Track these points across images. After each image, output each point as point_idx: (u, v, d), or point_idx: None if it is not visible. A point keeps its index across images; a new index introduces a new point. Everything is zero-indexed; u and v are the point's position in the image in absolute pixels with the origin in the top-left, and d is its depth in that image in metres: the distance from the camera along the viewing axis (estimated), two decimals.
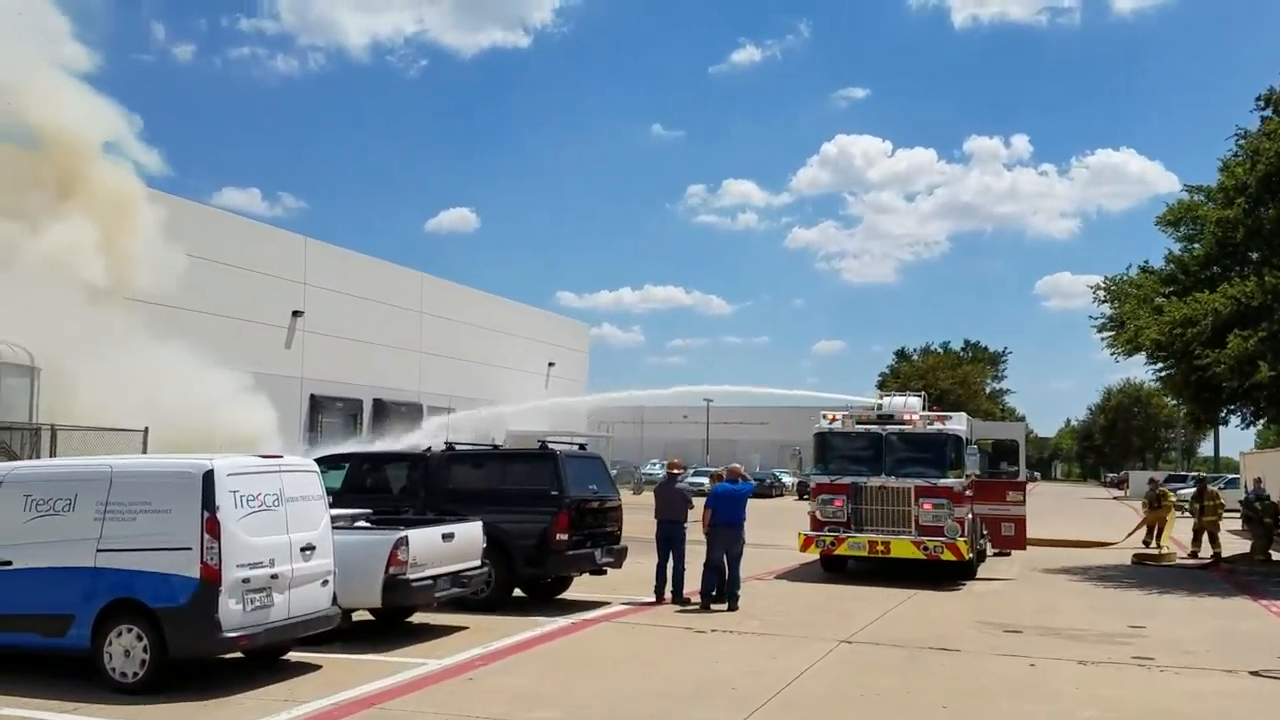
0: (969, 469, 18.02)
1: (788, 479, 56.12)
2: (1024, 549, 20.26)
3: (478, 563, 11.86)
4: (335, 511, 12.04)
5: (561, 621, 12.32)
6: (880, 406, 20.76)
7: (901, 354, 73.99)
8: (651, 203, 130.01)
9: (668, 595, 14.13)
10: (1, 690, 8.39)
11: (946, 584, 17.35)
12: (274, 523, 8.98)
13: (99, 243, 27.27)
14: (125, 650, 8.44)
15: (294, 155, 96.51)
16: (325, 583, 9.57)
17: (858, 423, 18.81)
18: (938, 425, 18.42)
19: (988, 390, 74.97)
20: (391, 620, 11.93)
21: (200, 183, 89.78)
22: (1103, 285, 22.33)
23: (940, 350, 75.61)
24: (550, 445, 13.59)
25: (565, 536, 12.91)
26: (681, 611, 13.53)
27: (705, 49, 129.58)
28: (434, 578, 10.96)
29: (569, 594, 14.57)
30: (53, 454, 21.61)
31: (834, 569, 18.90)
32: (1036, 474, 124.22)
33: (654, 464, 73.61)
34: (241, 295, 37.59)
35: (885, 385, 65.50)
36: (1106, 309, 22.07)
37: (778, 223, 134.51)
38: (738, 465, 14.81)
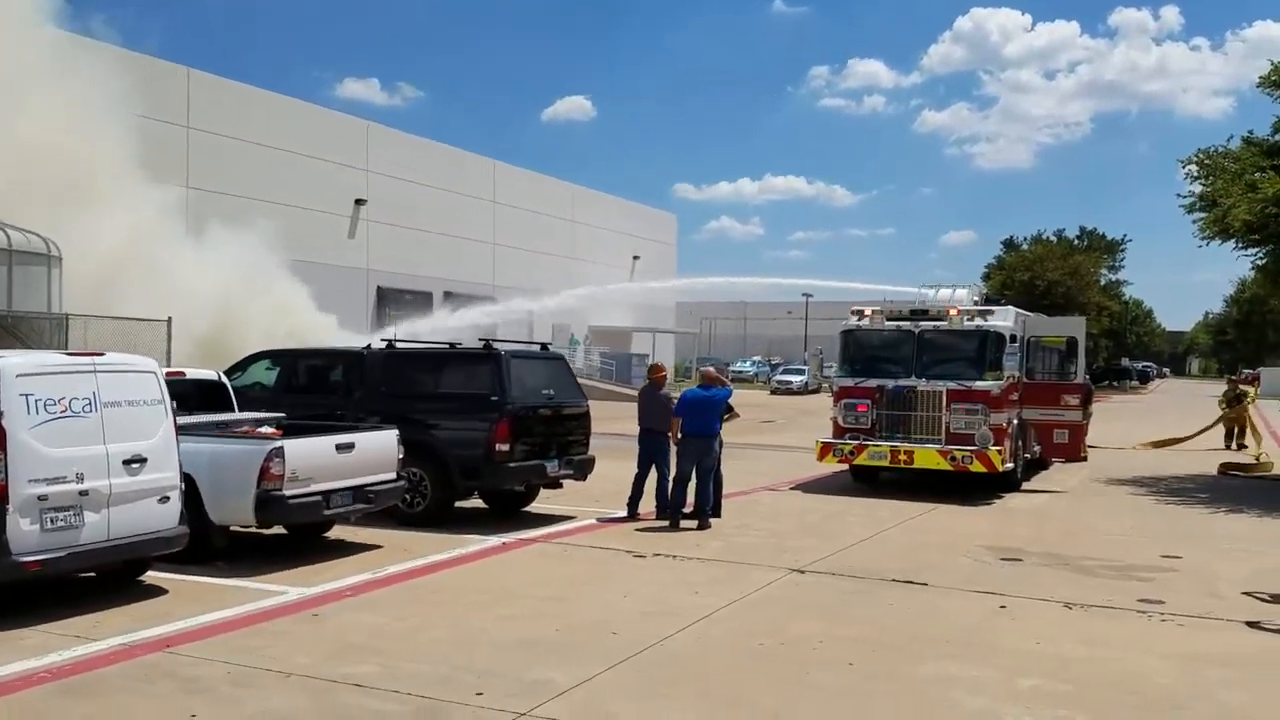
0: (1008, 370, 15.94)
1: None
2: (1079, 458, 18.13)
3: (391, 476, 10.63)
4: (239, 416, 11.03)
5: (493, 541, 11.07)
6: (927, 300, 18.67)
7: (1010, 244, 69.05)
8: (772, 87, 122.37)
9: (643, 510, 12.76)
10: None
11: (981, 498, 15.57)
12: (85, 432, 7.82)
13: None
14: None
15: (412, 44, 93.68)
16: (165, 499, 8.44)
17: (888, 319, 16.87)
18: (978, 321, 16.34)
19: (1102, 282, 70.02)
20: (304, 535, 10.89)
21: (321, 73, 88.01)
22: (1194, 159, 19.43)
23: (1053, 239, 70.64)
24: (495, 345, 12.15)
25: (506, 447, 11.56)
26: (645, 529, 12.14)
27: None
28: (324, 493, 9.76)
29: (542, 507, 13.34)
30: (66, 344, 21.38)
31: (865, 479, 17.24)
32: (1166, 370, 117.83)
33: (746, 362, 71.96)
34: (301, 183, 36.94)
35: (990, 278, 61.67)
36: (1198, 187, 19.25)
37: (907, 105, 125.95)
38: (711, 368, 13.14)
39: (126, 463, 8.08)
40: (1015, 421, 16.88)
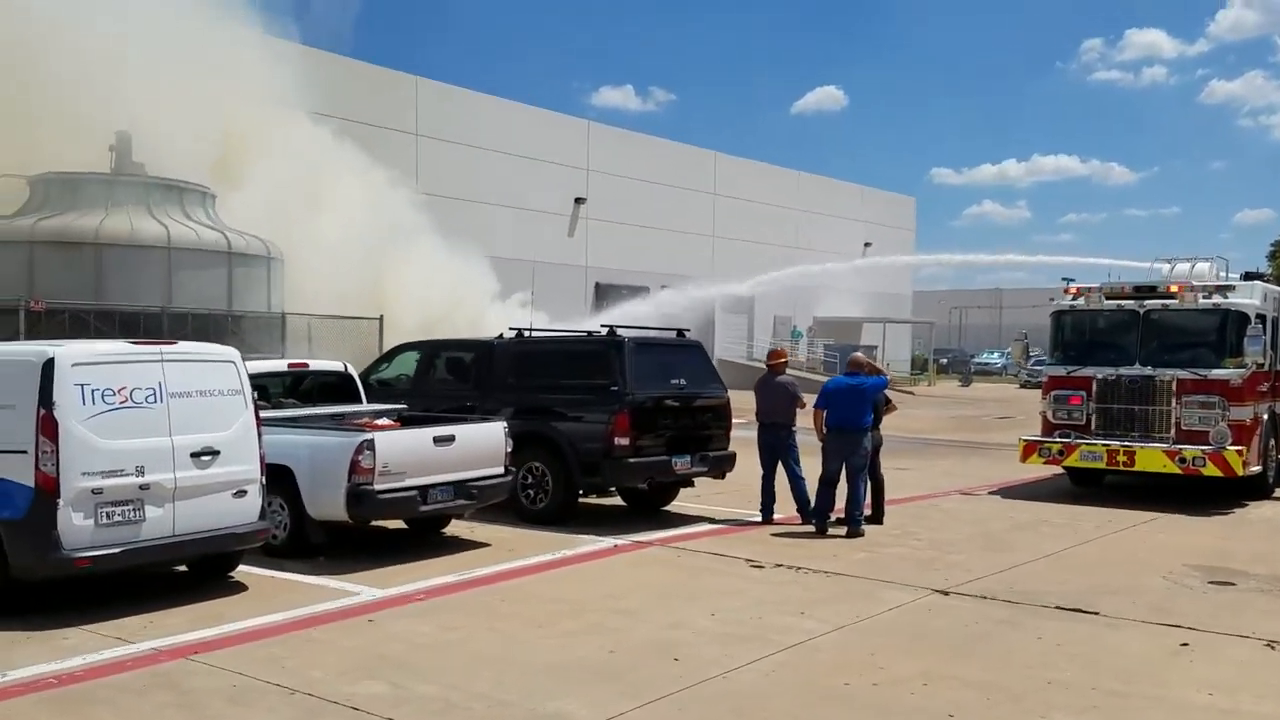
0: (1251, 356, 13.43)
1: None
2: None
3: (499, 470, 10.00)
4: (359, 408, 10.77)
5: (605, 543, 10.20)
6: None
7: None
8: (1039, 62, 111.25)
9: (786, 515, 11.53)
10: None
11: (1221, 506, 13.30)
12: (148, 423, 7.57)
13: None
14: None
15: (663, 49, 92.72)
16: (242, 493, 8.13)
17: (1108, 297, 14.69)
18: (1215, 298, 13.93)
19: None
20: (421, 530, 10.46)
21: (581, 83, 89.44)
22: None
23: None
24: (621, 332, 11.26)
25: (626, 440, 10.67)
26: (783, 534, 10.92)
27: None
28: (421, 488, 9.23)
29: (686, 506, 12.35)
30: (284, 343, 22.44)
31: (1087, 483, 15.17)
32: None
33: (994, 353, 67.65)
34: (522, 183, 37.54)
35: (1275, 256, 54.56)
36: None
37: (1192, 76, 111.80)
38: (860, 354, 11.63)
39: (195, 455, 7.80)
40: (1265, 417, 14.33)
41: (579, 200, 40.36)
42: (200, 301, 21.36)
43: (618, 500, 12.43)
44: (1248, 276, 17.58)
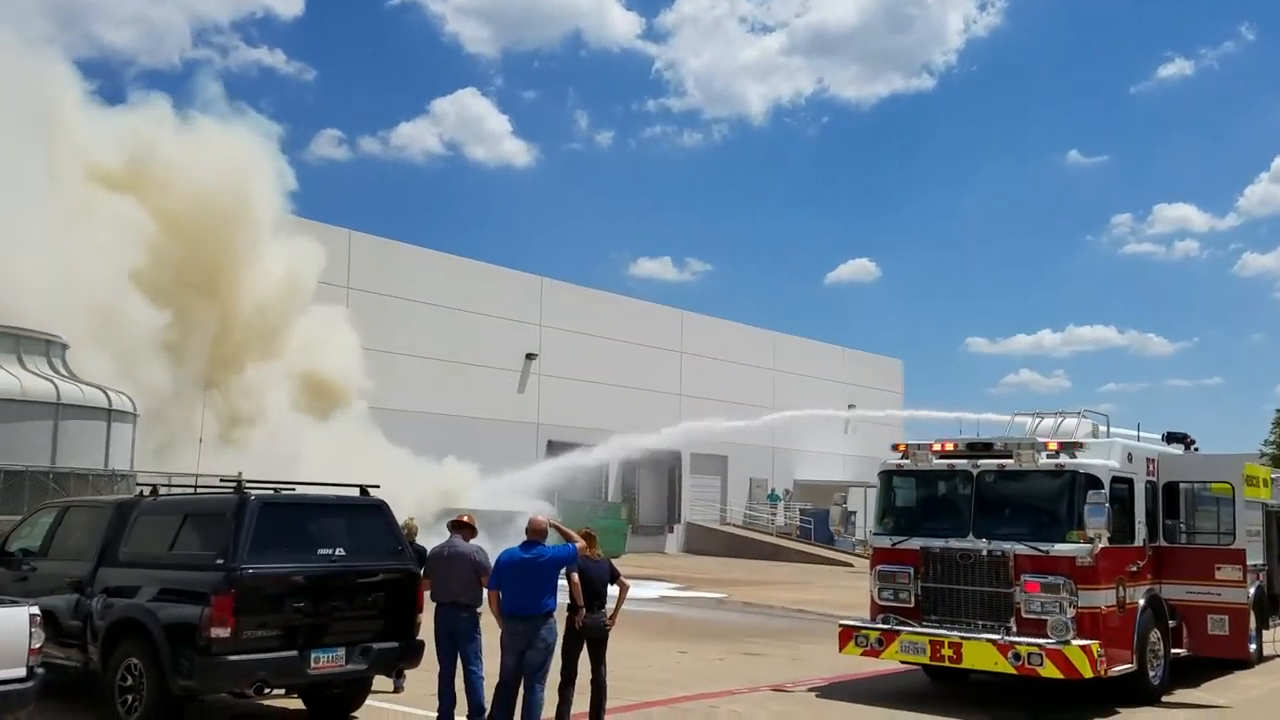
0: (1093, 528, 10.88)
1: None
2: (1245, 657, 12.40)
3: (18, 672, 7.71)
4: None
5: None
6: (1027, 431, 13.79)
7: None
8: (1070, 236, 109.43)
9: None
10: None
11: (1092, 714, 10.67)
12: None
13: None
14: None
15: (700, 222, 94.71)
16: None
17: (939, 456, 12.36)
18: (1061, 458, 11.52)
19: None
20: None
21: (620, 254, 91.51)
22: None
23: None
24: (250, 486, 9.07)
25: (225, 631, 8.33)
26: None
27: (1125, 69, 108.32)
28: None
29: (378, 705, 9.96)
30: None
31: (947, 679, 12.55)
32: None
33: None
34: (470, 340, 36.20)
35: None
36: None
37: (1224, 249, 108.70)
38: (542, 517, 9.13)
39: None
40: (1141, 603, 11.72)
41: (530, 356, 38.80)
42: (20, 457, 19.61)
43: (299, 703, 10.01)
44: (1169, 438, 15.15)
